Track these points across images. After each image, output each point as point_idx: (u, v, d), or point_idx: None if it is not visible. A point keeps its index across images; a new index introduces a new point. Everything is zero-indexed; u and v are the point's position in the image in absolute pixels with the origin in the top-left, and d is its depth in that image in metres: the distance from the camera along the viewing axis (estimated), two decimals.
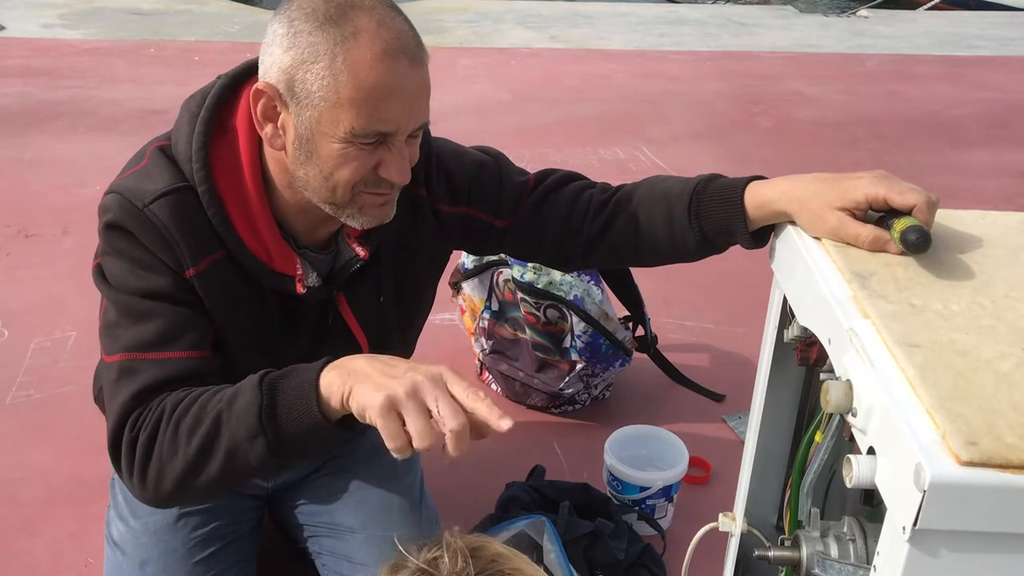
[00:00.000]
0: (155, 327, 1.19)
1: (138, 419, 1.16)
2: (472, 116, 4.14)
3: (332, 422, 1.06)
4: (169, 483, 1.15)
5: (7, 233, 3.05)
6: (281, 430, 1.08)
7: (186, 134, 1.22)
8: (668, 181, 1.35)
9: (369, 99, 1.10)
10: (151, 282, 1.20)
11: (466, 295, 2.28)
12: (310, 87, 1.11)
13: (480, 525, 1.68)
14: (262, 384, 1.09)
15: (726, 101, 4.76)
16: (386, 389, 0.99)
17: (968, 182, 3.79)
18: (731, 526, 1.32)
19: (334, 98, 1.10)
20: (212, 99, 1.23)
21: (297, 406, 1.07)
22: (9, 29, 5.71)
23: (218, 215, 1.21)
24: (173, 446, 1.13)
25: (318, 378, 1.06)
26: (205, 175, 1.20)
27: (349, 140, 1.12)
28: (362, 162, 1.15)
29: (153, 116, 4.17)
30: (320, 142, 1.14)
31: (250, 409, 1.08)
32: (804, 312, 1.05)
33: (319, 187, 1.18)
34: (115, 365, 1.19)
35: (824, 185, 1.11)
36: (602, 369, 2.14)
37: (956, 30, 6.56)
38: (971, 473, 0.70)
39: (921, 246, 0.99)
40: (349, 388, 1.03)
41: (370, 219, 1.22)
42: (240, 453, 1.10)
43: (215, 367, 1.23)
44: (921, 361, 0.82)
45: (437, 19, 6.25)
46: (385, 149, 1.15)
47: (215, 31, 5.84)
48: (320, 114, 1.12)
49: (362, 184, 1.17)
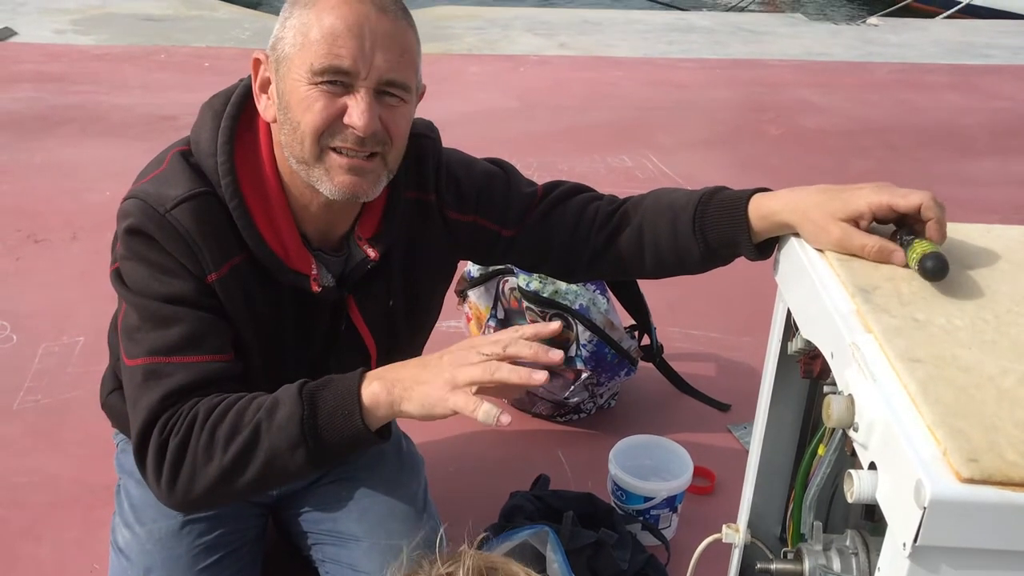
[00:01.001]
0: (179, 331, 1.20)
1: (168, 422, 1.18)
2: (480, 123, 4.15)
3: (372, 431, 1.12)
4: (201, 487, 1.17)
5: (17, 237, 3.06)
6: (322, 440, 1.13)
7: (209, 130, 1.24)
8: (674, 193, 1.36)
9: (327, 34, 1.14)
10: (173, 287, 1.21)
11: (472, 303, 2.28)
12: (285, 40, 1.17)
13: (483, 535, 1.67)
14: (302, 394, 1.14)
15: (734, 109, 4.75)
16: (438, 378, 1.09)
17: (977, 192, 3.78)
18: (734, 537, 1.32)
19: (301, 41, 1.15)
20: (237, 97, 1.26)
21: (339, 416, 1.12)
22: (22, 34, 5.75)
23: (239, 208, 1.22)
24: (208, 452, 1.15)
25: (359, 389, 1.12)
26: (229, 168, 1.21)
27: (312, 81, 1.15)
28: (324, 104, 1.15)
29: (163, 122, 4.19)
30: (291, 92, 1.17)
31: (292, 419, 1.13)
32: (807, 325, 1.05)
33: (292, 142, 1.19)
34: (139, 368, 1.20)
35: (826, 196, 1.12)
36: (607, 378, 2.14)
37: (967, 39, 6.55)
38: (972, 490, 0.70)
39: (939, 273, 0.98)
40: (400, 396, 1.11)
41: (338, 186, 1.20)
42: (279, 462, 1.14)
43: (238, 370, 1.26)
44: (923, 376, 0.82)
45: (446, 26, 6.27)
46: (350, 96, 1.16)
47: (225, 37, 5.86)
48: (291, 63, 1.16)
49: (328, 135, 1.17)
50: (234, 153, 1.22)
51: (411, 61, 1.20)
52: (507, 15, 6.82)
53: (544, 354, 1.08)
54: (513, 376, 1.07)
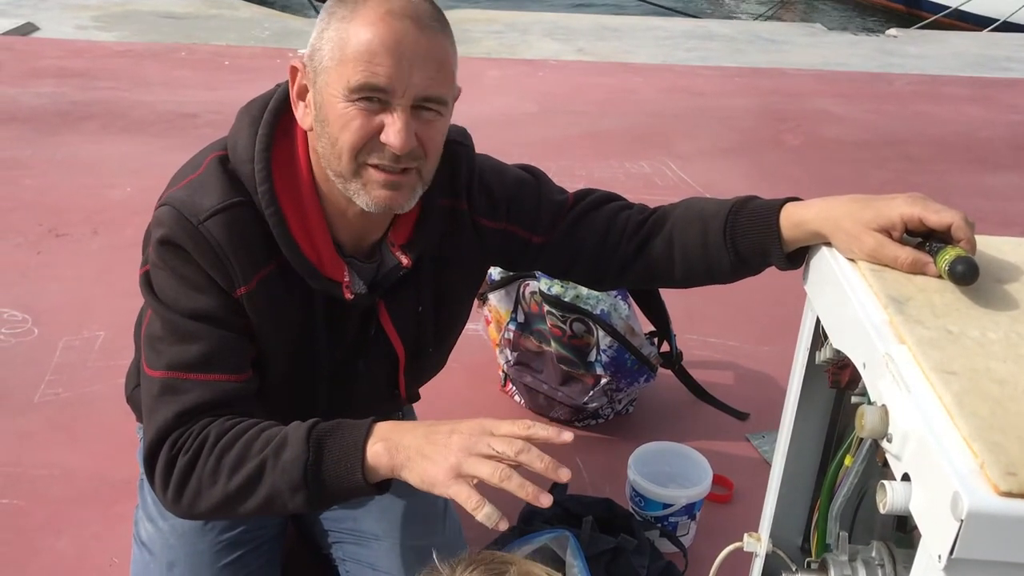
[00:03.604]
0: (199, 348, 1.22)
1: (178, 440, 1.20)
2: (499, 127, 4.15)
3: (372, 484, 1.13)
4: (203, 507, 1.20)
5: (38, 232, 3.09)
6: (323, 487, 1.14)
7: (247, 136, 1.24)
8: (705, 202, 1.36)
9: (366, 51, 1.13)
10: (199, 303, 1.22)
11: (492, 306, 2.28)
12: (323, 52, 1.16)
13: (502, 538, 1.68)
14: (309, 439, 1.14)
15: (753, 117, 4.75)
16: (443, 461, 1.07)
17: (996, 205, 3.76)
18: (756, 546, 1.31)
19: (339, 56, 1.14)
20: (275, 103, 1.26)
21: (342, 467, 1.13)
22: (44, 30, 5.79)
23: (276, 216, 1.22)
24: (214, 477, 1.17)
25: (365, 444, 1.12)
26: (266, 175, 1.22)
27: (350, 99, 1.14)
28: (361, 123, 1.15)
29: (183, 119, 4.22)
30: (329, 106, 1.17)
31: (296, 463, 1.14)
32: (838, 335, 1.05)
33: (329, 155, 1.19)
34: (157, 381, 1.22)
35: (858, 205, 1.12)
36: (627, 384, 2.14)
37: (986, 52, 6.52)
38: (1010, 504, 0.70)
39: (969, 277, 0.98)
40: (401, 463, 1.10)
41: (375, 200, 1.21)
42: (279, 499, 1.16)
43: (253, 389, 1.27)
44: (958, 389, 0.82)
45: (465, 30, 6.28)
46: (387, 113, 1.16)
47: (246, 36, 5.89)
48: (328, 76, 1.16)
49: (365, 152, 1.17)
50: (271, 161, 1.23)
51: (448, 74, 1.19)
52: (526, 19, 6.83)
53: (554, 472, 1.05)
54: (520, 492, 1.04)
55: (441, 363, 1.54)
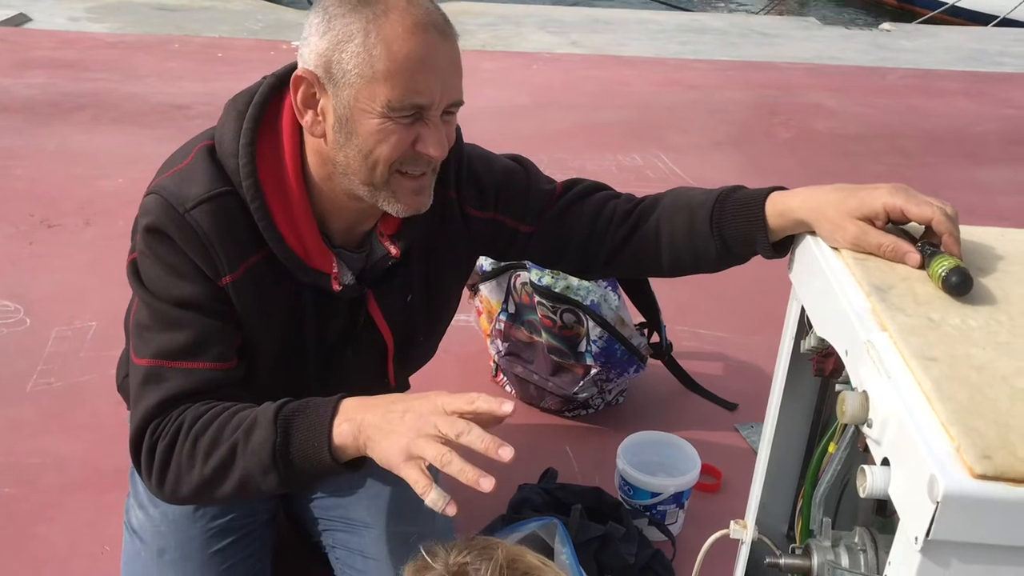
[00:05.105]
0: (184, 337, 1.23)
1: (158, 427, 1.22)
2: (492, 119, 4.15)
3: (341, 463, 1.15)
4: (185, 491, 1.22)
5: (30, 222, 3.08)
6: (292, 467, 1.16)
7: (232, 130, 1.24)
8: (691, 192, 1.37)
9: (403, 70, 1.13)
10: (185, 291, 1.23)
11: (483, 297, 2.29)
12: (347, 66, 1.15)
13: (492, 526, 1.69)
14: (277, 420, 1.16)
15: (746, 111, 4.75)
16: (397, 442, 1.09)
17: (988, 199, 3.78)
18: (742, 533, 1.33)
19: (370, 73, 1.14)
20: (260, 97, 1.27)
21: (309, 448, 1.15)
22: (36, 21, 5.77)
23: (261, 209, 1.23)
24: (191, 460, 1.20)
25: (331, 426, 1.14)
26: (251, 170, 1.22)
27: (387, 115, 1.15)
28: (400, 137, 1.17)
29: (176, 111, 4.21)
30: (359, 120, 1.17)
31: (264, 445, 1.15)
32: (822, 323, 1.06)
33: (359, 168, 1.20)
34: (142, 369, 1.24)
35: (843, 194, 1.13)
36: (616, 374, 2.15)
37: (980, 46, 6.53)
38: (984, 486, 0.71)
39: (963, 288, 0.97)
40: (364, 443, 1.13)
41: (404, 206, 1.24)
42: (253, 481, 1.18)
43: (237, 377, 1.28)
44: (937, 375, 0.83)
45: (458, 22, 6.14)
46: (422, 124, 1.18)
47: (239, 28, 5.88)
48: (358, 92, 1.15)
49: (400, 162, 1.19)
50: (256, 155, 1.23)
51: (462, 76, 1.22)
52: (519, 12, 6.82)
53: (495, 452, 1.06)
54: (461, 476, 1.06)
55: (431, 352, 1.55)
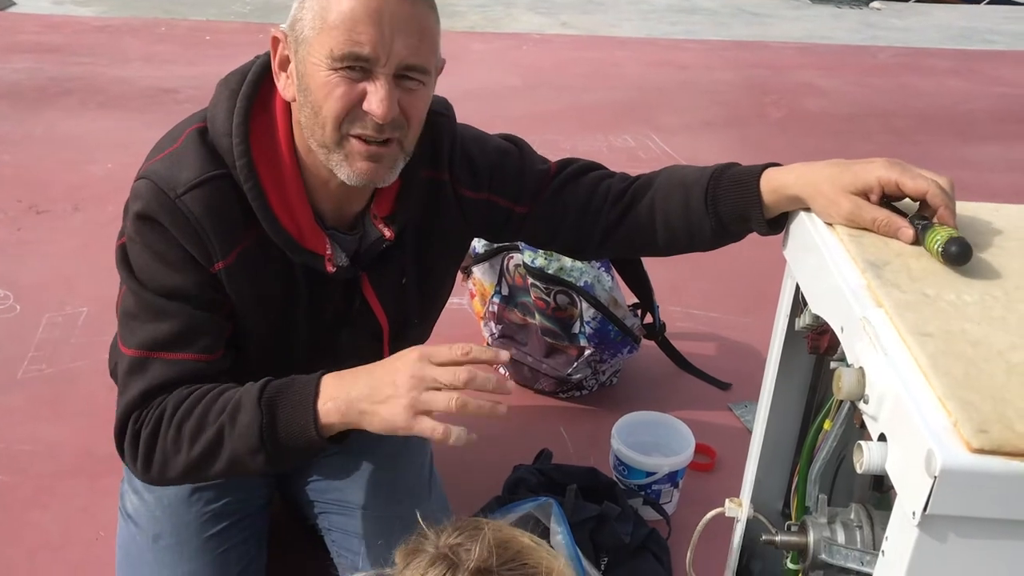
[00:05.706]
0: (170, 327, 1.22)
1: (140, 416, 1.22)
2: (483, 101, 4.14)
3: (327, 438, 1.16)
4: (173, 475, 1.23)
5: (18, 208, 3.06)
6: (280, 446, 1.17)
7: (225, 110, 1.23)
8: (686, 170, 1.36)
9: (347, 19, 1.12)
10: (174, 280, 1.22)
11: (476, 279, 2.29)
12: (304, 22, 1.15)
13: (487, 506, 1.69)
14: (261, 401, 1.16)
15: (737, 91, 4.75)
16: (398, 403, 1.10)
17: (978, 176, 3.78)
18: (737, 512, 1.33)
19: (320, 25, 1.13)
20: (253, 76, 1.25)
21: (295, 426, 1.16)
22: (21, 5, 5.71)
23: (255, 189, 1.22)
24: (176, 445, 1.20)
25: (315, 402, 1.15)
26: (244, 149, 1.21)
27: (333, 67, 1.14)
28: (344, 91, 1.15)
29: (163, 95, 4.18)
30: (311, 75, 1.16)
31: (251, 427, 1.16)
32: (817, 300, 1.06)
33: (312, 125, 1.19)
34: (128, 358, 1.23)
35: (837, 169, 1.12)
36: (610, 355, 2.15)
37: (970, 24, 6.54)
38: (981, 460, 0.71)
39: (963, 258, 0.97)
40: (356, 418, 1.14)
41: (356, 172, 1.20)
42: (241, 463, 1.19)
43: (223, 367, 1.28)
44: (933, 350, 0.83)
45: (449, 4, 6.24)
46: (368, 81, 1.15)
47: (226, 11, 5.83)
48: (310, 46, 1.15)
49: (348, 122, 1.17)
50: (249, 134, 1.22)
51: (431, 44, 1.19)
52: None
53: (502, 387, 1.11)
54: (480, 411, 1.09)
55: (425, 335, 1.54)
